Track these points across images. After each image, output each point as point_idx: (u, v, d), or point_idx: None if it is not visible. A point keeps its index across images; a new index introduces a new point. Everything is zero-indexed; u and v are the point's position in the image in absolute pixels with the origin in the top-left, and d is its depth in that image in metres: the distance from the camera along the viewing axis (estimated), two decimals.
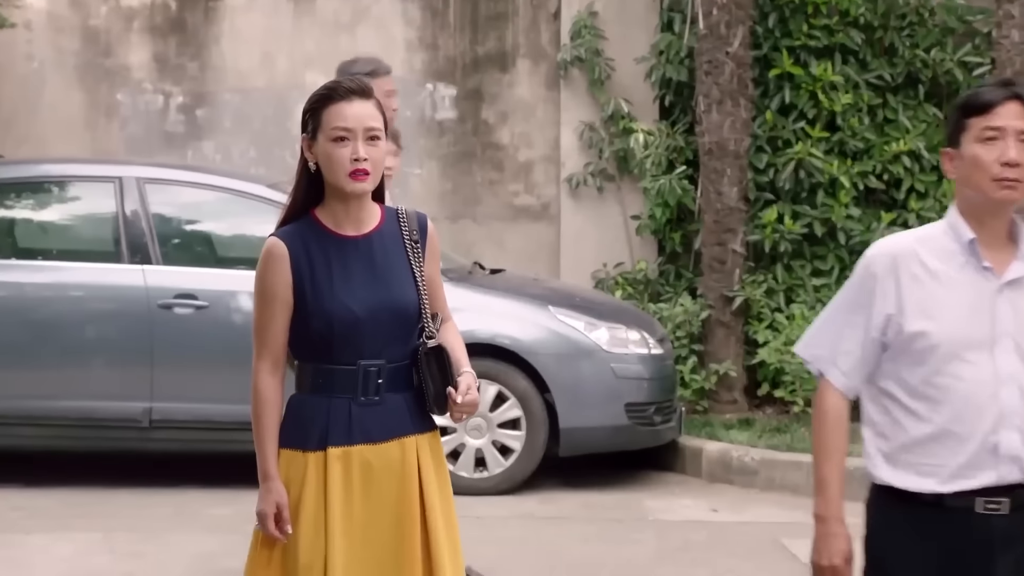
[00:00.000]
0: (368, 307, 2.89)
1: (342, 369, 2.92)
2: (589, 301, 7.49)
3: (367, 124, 2.88)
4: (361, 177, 2.87)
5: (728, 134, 8.23)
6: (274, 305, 2.92)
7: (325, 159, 2.90)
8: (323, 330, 2.89)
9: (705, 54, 8.29)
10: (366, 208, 2.97)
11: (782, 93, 8.51)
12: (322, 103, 2.92)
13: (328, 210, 2.95)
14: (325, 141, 2.90)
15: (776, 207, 8.43)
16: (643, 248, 8.92)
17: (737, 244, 8.27)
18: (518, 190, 9.20)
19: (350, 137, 2.88)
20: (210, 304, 6.68)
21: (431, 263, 3.01)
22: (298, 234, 2.93)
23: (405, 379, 2.96)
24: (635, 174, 8.87)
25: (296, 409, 2.98)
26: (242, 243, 6.97)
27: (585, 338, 6.93)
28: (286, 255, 2.91)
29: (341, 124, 2.87)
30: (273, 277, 2.92)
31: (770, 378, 8.28)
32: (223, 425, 6.61)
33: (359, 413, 2.92)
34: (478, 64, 9.22)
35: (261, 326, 2.95)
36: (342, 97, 2.89)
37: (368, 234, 2.96)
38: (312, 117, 2.93)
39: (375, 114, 2.91)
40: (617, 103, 8.86)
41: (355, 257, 2.92)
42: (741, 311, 8.29)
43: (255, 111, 9.27)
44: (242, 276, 6.66)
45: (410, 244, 2.96)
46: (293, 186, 2.99)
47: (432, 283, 3.00)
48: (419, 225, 2.99)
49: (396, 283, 2.93)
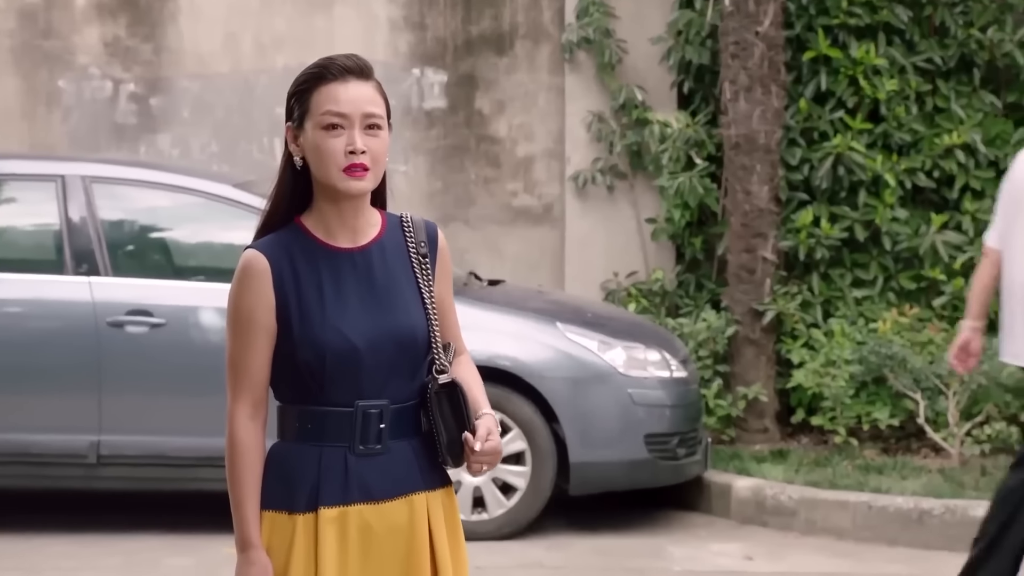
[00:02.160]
0: (367, 336, 2.75)
1: (336, 412, 2.77)
2: (602, 316, 7.49)
3: (366, 109, 2.75)
4: (358, 173, 2.73)
5: (757, 125, 8.22)
6: (253, 333, 2.76)
7: (314, 151, 2.76)
8: (313, 364, 2.74)
9: (731, 34, 8.26)
10: (364, 213, 2.83)
11: (818, 79, 8.47)
12: (311, 84, 2.77)
13: (317, 216, 2.81)
14: (314, 129, 2.75)
15: (812, 209, 8.41)
16: (659, 255, 8.94)
17: (767, 251, 8.26)
18: (517, 189, 9.21)
19: (345, 125, 2.74)
20: (167, 321, 6.69)
21: (442, 282, 2.89)
22: (281, 245, 2.79)
23: (412, 423, 2.83)
24: (650, 171, 8.88)
25: (279, 461, 2.81)
26: (204, 251, 7.03)
27: (598, 359, 6.92)
28: (267, 271, 2.76)
29: (334, 108, 2.73)
30: (251, 299, 2.77)
31: (806, 403, 8.25)
32: (183, 461, 6.67)
33: (357, 465, 2.78)
34: (471, 46, 9.24)
35: (237, 359, 2.78)
36: (336, 76, 2.75)
37: (367, 246, 2.83)
38: (299, 101, 2.78)
39: (376, 98, 2.77)
40: (630, 90, 8.86)
41: (351, 274, 2.79)
42: (772, 327, 8.28)
43: (218, 99, 9.28)
44: (204, 289, 6.77)
45: (417, 259, 2.85)
46: (274, 186, 2.83)
47: (443, 306, 2.88)
48: (428, 236, 2.88)
49: (401, 306, 2.81)
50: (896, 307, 8.22)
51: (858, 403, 7.95)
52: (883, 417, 7.90)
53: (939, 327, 8.00)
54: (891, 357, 7.63)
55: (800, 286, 8.43)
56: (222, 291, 6.30)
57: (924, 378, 7.62)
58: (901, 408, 7.91)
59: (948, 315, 8.24)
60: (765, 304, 8.22)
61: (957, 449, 7.63)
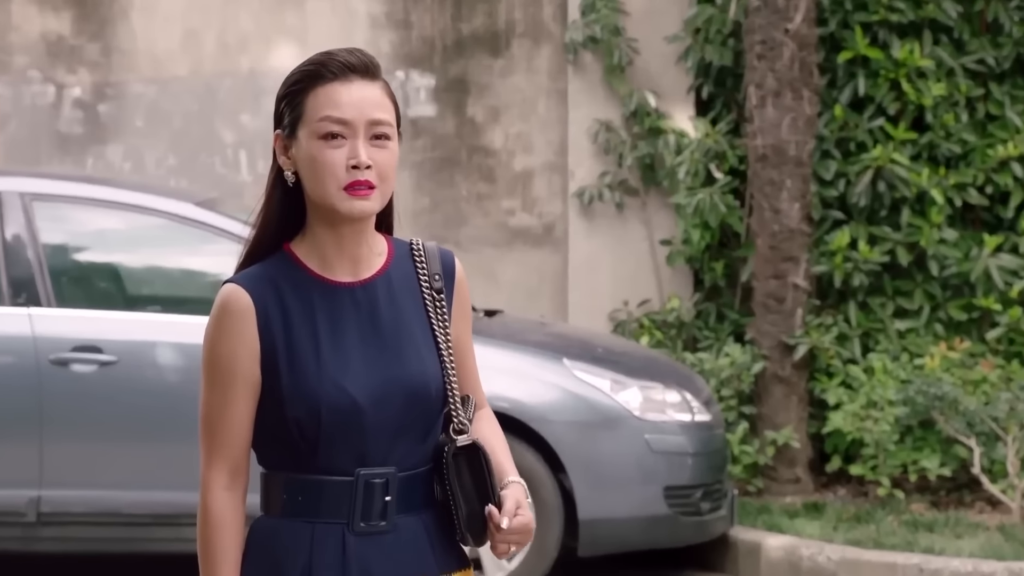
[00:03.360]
0: (371, 388, 2.66)
1: (332, 481, 2.67)
2: (613, 352, 7.48)
3: (372, 115, 2.65)
4: (362, 192, 2.65)
5: (787, 135, 8.23)
6: (232, 385, 2.66)
7: (309, 165, 2.66)
8: (305, 423, 2.65)
9: (757, 32, 8.27)
10: (368, 241, 2.74)
11: (855, 82, 8.49)
12: (306, 83, 2.67)
13: (312, 243, 2.72)
14: (309, 139, 2.66)
15: (848, 229, 8.43)
16: (675, 281, 8.97)
17: (798, 277, 8.26)
18: (514, 207, 9.26)
19: (346, 133, 2.64)
20: (119, 359, 6.64)
21: (460, 322, 2.80)
22: (268, 279, 2.69)
23: (424, 494, 2.73)
24: (665, 187, 8.91)
25: (262, 541, 2.71)
26: (162, 279, 7.04)
27: (611, 401, 6.89)
28: (250, 311, 2.66)
29: (334, 114, 2.64)
30: (231, 343, 2.66)
31: (843, 450, 8.25)
32: (137, 519, 6.62)
33: (358, 547, 2.67)
34: (462, 46, 9.28)
35: (213, 416, 2.68)
36: (336, 75, 2.65)
37: (370, 279, 2.73)
38: (290, 105, 2.69)
39: (384, 101, 2.68)
40: (641, 95, 8.89)
41: (352, 313, 2.70)
42: (804, 363, 8.27)
43: (176, 106, 9.32)
44: (162, 322, 6.74)
45: (431, 294, 2.76)
46: (260, 207, 2.74)
47: (461, 351, 2.80)
48: (443, 266, 2.79)
49: (411, 352, 2.72)
50: (945, 340, 8.23)
51: (903, 450, 7.94)
52: (932, 466, 7.89)
53: (993, 363, 7.99)
54: (940, 398, 7.61)
55: (836, 317, 8.42)
56: (182, 324, 6.70)
57: (978, 421, 7.59)
58: (952, 456, 7.91)
59: (1003, 349, 8.26)
60: (796, 337, 8.20)
61: (1018, 503, 7.60)
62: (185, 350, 6.49)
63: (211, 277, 6.78)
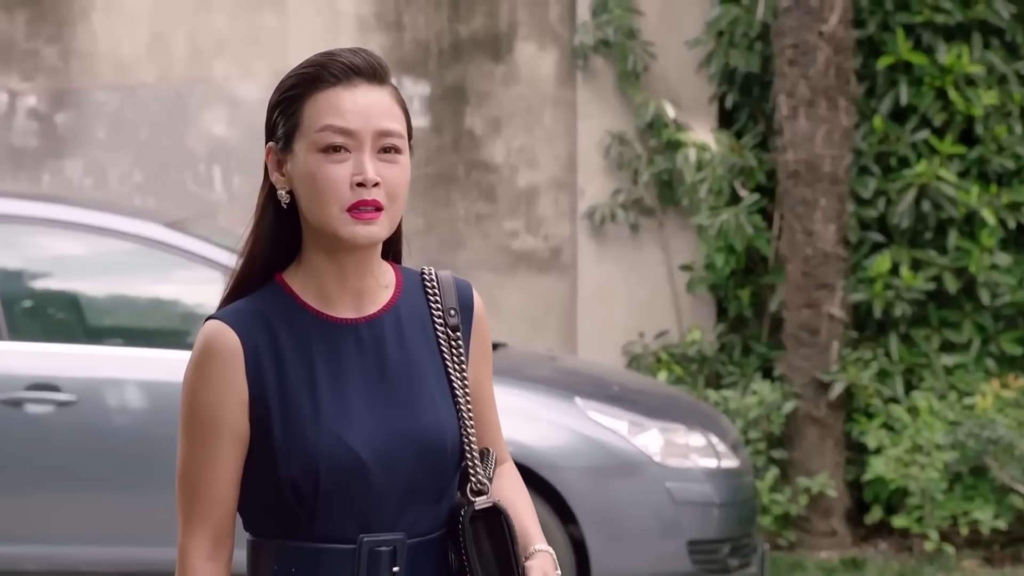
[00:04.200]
0: (378, 443, 2.63)
1: (332, 550, 2.62)
2: (631, 390, 7.44)
3: (381, 124, 2.60)
4: (368, 215, 2.59)
5: (821, 149, 8.21)
6: (215, 440, 2.62)
7: (307, 183, 2.61)
8: (300, 483, 2.61)
9: (788, 35, 8.26)
10: (373, 271, 2.69)
11: (896, 90, 8.50)
12: (303, 89, 2.62)
13: (308, 274, 2.68)
14: (308, 152, 2.61)
15: (889, 253, 8.42)
16: (696, 311, 8.92)
17: (834, 306, 8.20)
18: (517, 228, 9.23)
19: (350, 146, 2.59)
20: (78, 399, 6.58)
21: (479, 364, 2.77)
22: (258, 315, 2.65)
23: (437, 564, 2.68)
24: (684, 206, 8.90)
25: None
26: (126, 309, 6.98)
27: (628, 445, 6.82)
28: (237, 353, 2.62)
29: (336, 123, 2.59)
30: (215, 391, 2.62)
31: (885, 499, 8.21)
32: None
33: None
34: (460, 50, 9.27)
35: (192, 476, 2.63)
36: (338, 78, 2.60)
37: (377, 315, 2.69)
38: (285, 113, 2.64)
39: (394, 109, 2.62)
40: (659, 105, 8.89)
41: (355, 355, 2.66)
42: (841, 402, 8.25)
43: (142, 116, 9.30)
44: (126, 357, 6.68)
45: (445, 332, 2.72)
46: (249, 232, 2.69)
47: (480, 399, 2.77)
48: (460, 300, 2.75)
49: (423, 400, 2.68)
50: (997, 377, 8.23)
51: (952, 499, 7.92)
52: (985, 517, 7.85)
53: None
54: (994, 441, 7.60)
55: (875, 351, 8.41)
56: (150, 360, 6.66)
57: None
58: (1007, 506, 7.89)
59: None
60: (831, 373, 8.17)
61: None
62: (153, 388, 6.45)
63: (182, 307, 6.77)
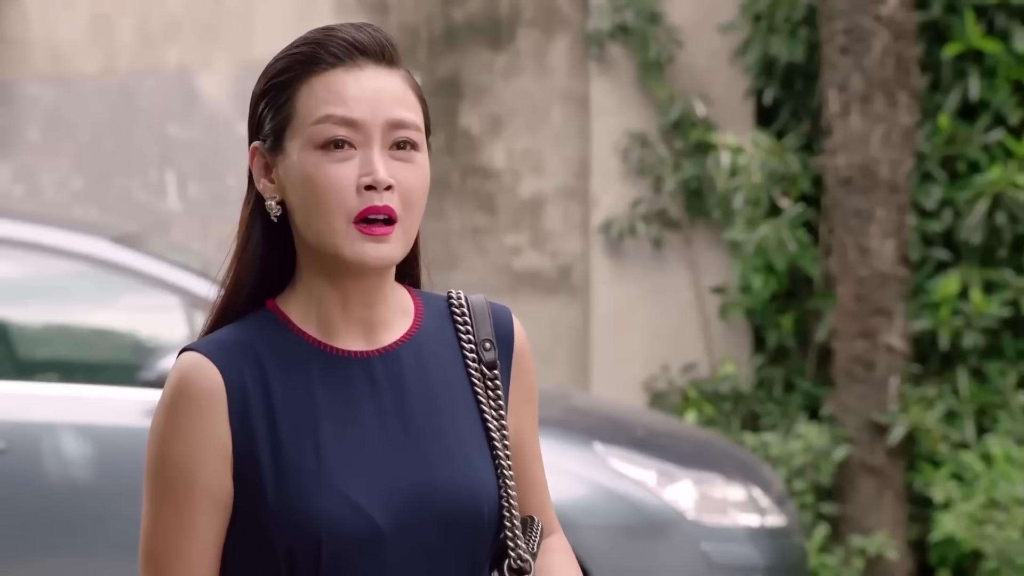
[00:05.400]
0: (395, 504, 2.55)
1: None
2: (658, 433, 7.43)
3: (393, 114, 2.52)
4: (379, 230, 2.51)
5: (878, 152, 8.20)
6: (191, 503, 2.54)
7: (303, 188, 2.53)
8: (298, 555, 2.52)
9: (839, 18, 8.28)
10: (386, 295, 2.61)
11: (965, 84, 8.54)
12: (297, 72, 2.54)
13: (307, 298, 2.60)
14: (303, 150, 2.53)
15: (958, 273, 8.44)
16: (730, 340, 8.97)
17: (893, 335, 8.21)
18: (521, 244, 9.31)
19: (356, 140, 2.51)
20: (8, 446, 6.58)
21: (522, 409, 2.69)
22: (245, 347, 2.57)
23: None
24: (716, 218, 8.92)
25: None
26: (66, 340, 7.02)
27: (657, 500, 6.80)
28: (220, 393, 2.52)
29: (338, 112, 2.51)
30: (190, 442, 2.53)
31: (953, 562, 8.17)
32: None
33: None
34: (455, 37, 9.38)
35: (160, 548, 2.55)
36: (340, 59, 2.53)
37: (393, 347, 2.60)
38: (273, 104, 2.56)
39: (408, 96, 2.55)
40: (686, 101, 8.95)
41: (367, 396, 2.58)
42: (902, 448, 8.22)
43: (82, 114, 9.42)
44: (66, 397, 6.66)
45: (479, 370, 2.64)
46: (232, 254, 2.62)
47: (524, 453, 2.69)
48: (497, 330, 2.66)
49: (453, 452, 2.60)
50: None
51: None
52: None
53: None
54: None
55: (941, 387, 8.44)
56: (93, 400, 6.42)
57: None
58: None
59: None
60: (890, 414, 8.17)
61: None
62: (98, 434, 6.45)
63: (131, 338, 6.76)
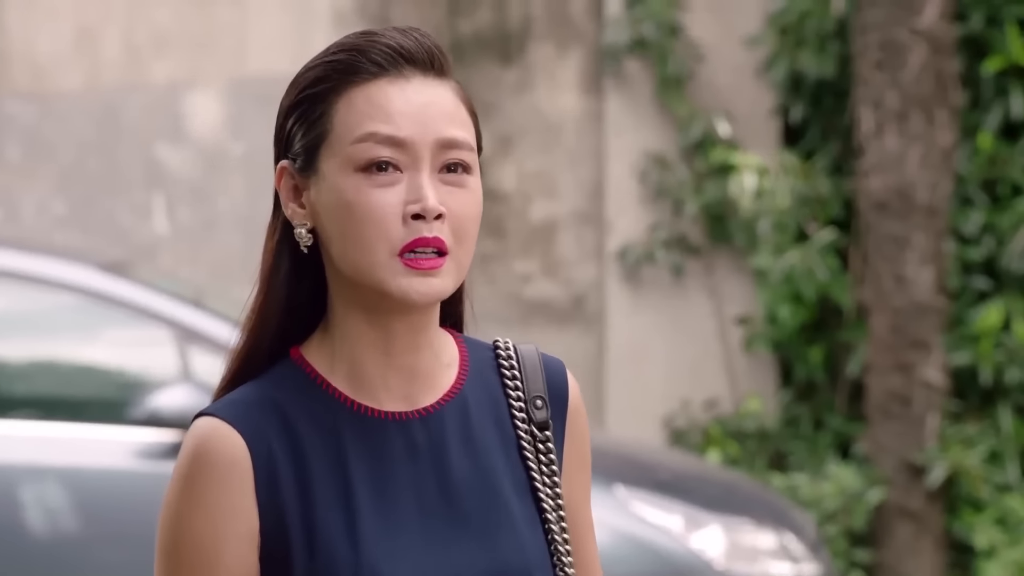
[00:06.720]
0: None
1: None
2: (683, 475, 7.34)
3: (444, 132, 2.37)
4: (428, 263, 2.39)
5: (915, 174, 8.20)
6: None
7: (341, 215, 2.42)
8: None
9: (873, 31, 8.29)
10: (431, 342, 2.49)
11: (1006, 101, 8.54)
12: (334, 83, 2.40)
13: (340, 347, 2.49)
14: (341, 172, 2.39)
15: (1000, 303, 8.43)
16: (756, 375, 8.97)
17: (931, 369, 8.22)
18: (531, 271, 9.35)
19: (402, 163, 2.37)
20: None
21: (576, 475, 2.58)
22: (270, 410, 2.45)
23: None
24: (740, 245, 8.88)
25: None
26: (46, 376, 7.00)
27: (683, 548, 6.67)
28: (245, 464, 2.42)
29: (383, 130, 2.36)
30: (211, 519, 2.43)
31: None
32: None
33: None
34: (462, 52, 9.35)
35: None
36: (384, 68, 2.37)
37: (435, 408, 2.49)
38: (305, 119, 2.42)
39: (459, 112, 2.40)
40: (708, 120, 8.92)
41: (407, 464, 2.48)
42: (942, 491, 8.20)
43: (65, 132, 9.46)
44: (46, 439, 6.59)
45: (529, 432, 2.53)
46: (257, 289, 2.49)
47: (578, 523, 2.57)
48: (549, 386, 2.55)
49: (502, 526, 2.50)
50: None
51: None
52: None
53: None
54: None
55: (983, 425, 8.42)
56: (76, 441, 6.14)
57: None
58: None
59: None
60: (929, 454, 8.16)
61: None
62: (82, 478, 6.37)
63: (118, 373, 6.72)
